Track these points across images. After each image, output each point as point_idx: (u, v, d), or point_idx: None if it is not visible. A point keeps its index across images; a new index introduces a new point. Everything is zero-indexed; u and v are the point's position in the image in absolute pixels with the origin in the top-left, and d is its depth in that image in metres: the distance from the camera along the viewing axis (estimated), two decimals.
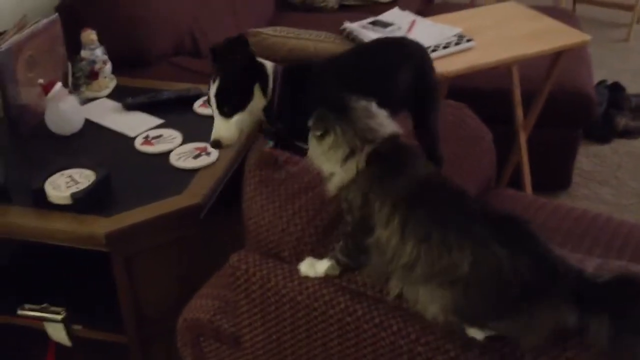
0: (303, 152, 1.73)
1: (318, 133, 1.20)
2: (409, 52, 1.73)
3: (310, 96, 1.60)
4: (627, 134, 3.38)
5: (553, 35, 2.41)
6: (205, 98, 2.20)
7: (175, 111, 2.18)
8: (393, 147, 1.19)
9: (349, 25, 2.48)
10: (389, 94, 1.71)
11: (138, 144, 2.02)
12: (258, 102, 1.60)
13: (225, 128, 1.58)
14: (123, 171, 1.90)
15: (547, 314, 1.04)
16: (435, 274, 1.07)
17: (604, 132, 3.34)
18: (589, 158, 3.23)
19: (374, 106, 1.23)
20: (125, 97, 2.24)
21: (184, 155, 1.95)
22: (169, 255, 1.82)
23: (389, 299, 1.18)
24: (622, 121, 3.36)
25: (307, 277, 1.28)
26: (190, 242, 1.81)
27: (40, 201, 1.76)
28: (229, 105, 1.56)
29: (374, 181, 1.15)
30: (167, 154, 1.96)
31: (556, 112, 2.70)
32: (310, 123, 1.22)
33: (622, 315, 0.99)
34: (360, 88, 1.65)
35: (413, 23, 2.46)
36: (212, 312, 1.47)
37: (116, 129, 2.11)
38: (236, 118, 1.57)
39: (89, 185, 1.77)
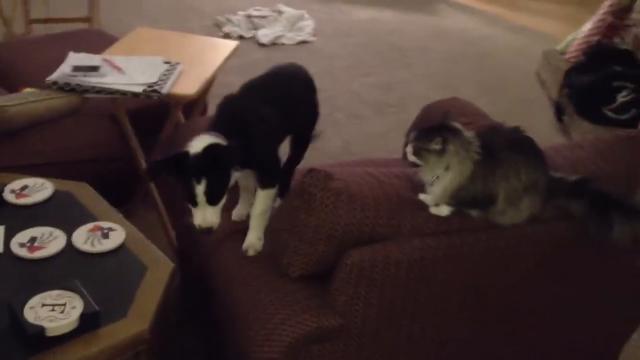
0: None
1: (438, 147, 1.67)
2: (309, 77, 2.07)
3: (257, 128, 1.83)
4: None
5: (217, 47, 2.89)
6: (22, 186, 1.99)
7: None
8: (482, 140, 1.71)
9: (54, 77, 2.42)
10: (299, 116, 2.04)
11: (22, 254, 1.76)
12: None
13: (213, 214, 1.70)
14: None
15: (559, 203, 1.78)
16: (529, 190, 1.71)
17: None
18: None
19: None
20: None
21: (89, 239, 1.82)
22: None
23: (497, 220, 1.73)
24: None
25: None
26: None
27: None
28: (219, 198, 1.70)
29: (487, 167, 1.68)
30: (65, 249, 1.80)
31: None
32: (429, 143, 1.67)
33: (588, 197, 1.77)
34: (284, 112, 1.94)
35: (112, 61, 2.55)
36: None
37: None
38: (222, 201, 1.72)
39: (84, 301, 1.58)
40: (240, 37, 5.05)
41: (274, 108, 1.88)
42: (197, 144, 1.70)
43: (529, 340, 1.98)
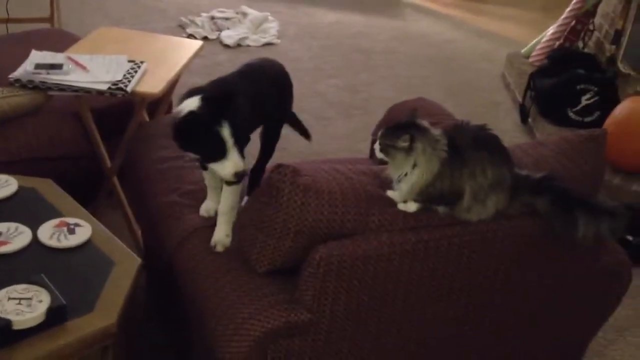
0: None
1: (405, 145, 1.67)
2: (283, 72, 2.08)
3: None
4: None
5: (182, 46, 2.87)
6: None
7: None
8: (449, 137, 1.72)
9: (17, 75, 2.39)
10: (274, 106, 2.04)
11: None
12: None
13: (240, 158, 1.73)
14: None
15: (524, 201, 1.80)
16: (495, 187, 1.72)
17: None
18: None
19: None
20: None
21: (55, 234, 1.80)
22: None
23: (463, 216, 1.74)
24: None
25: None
26: None
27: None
28: (245, 137, 1.75)
29: (453, 164, 1.69)
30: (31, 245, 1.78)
31: None
32: (396, 141, 1.67)
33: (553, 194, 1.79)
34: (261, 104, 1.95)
35: (75, 59, 2.52)
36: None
37: None
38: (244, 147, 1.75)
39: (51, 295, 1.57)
40: (205, 39, 5.02)
41: (247, 100, 1.88)
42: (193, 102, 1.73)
43: (509, 339, 2.00)
